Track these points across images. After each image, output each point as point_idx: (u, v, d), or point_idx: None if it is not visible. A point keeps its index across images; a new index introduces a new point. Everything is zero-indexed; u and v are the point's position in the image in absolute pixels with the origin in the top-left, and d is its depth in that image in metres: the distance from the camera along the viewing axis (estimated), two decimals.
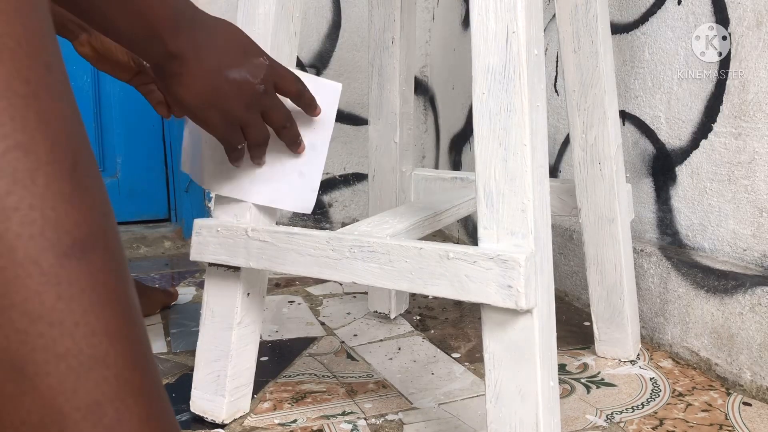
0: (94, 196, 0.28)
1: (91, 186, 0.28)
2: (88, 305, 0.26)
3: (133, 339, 0.28)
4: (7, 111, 0.25)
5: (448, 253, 0.56)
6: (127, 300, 0.28)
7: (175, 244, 1.56)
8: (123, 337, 0.27)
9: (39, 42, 0.27)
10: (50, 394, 0.25)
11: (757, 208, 0.82)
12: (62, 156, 0.27)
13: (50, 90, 0.27)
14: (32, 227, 0.25)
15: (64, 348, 0.25)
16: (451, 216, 0.83)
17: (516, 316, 0.54)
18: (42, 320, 0.25)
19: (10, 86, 0.26)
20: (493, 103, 0.54)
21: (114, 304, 0.27)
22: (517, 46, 0.53)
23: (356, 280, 0.61)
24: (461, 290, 0.55)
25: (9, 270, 0.25)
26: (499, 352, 0.55)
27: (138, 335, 0.29)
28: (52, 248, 0.26)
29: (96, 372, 0.26)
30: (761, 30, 0.80)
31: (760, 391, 0.78)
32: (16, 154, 0.25)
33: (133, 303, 0.29)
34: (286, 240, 0.65)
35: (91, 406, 0.26)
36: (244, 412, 0.75)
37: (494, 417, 0.56)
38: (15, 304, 0.25)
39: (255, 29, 0.69)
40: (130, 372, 0.27)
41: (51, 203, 0.26)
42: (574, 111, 0.84)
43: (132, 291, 0.29)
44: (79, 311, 0.26)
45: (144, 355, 0.29)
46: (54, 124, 0.27)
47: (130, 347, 0.28)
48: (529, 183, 0.53)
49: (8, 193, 0.25)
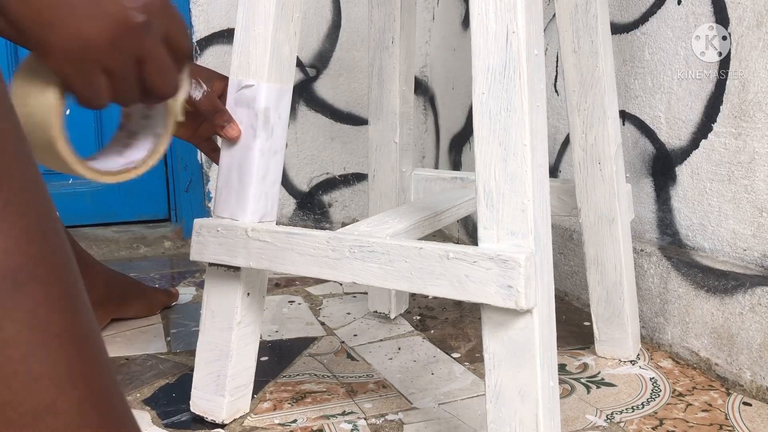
0: (30, 214, 0.24)
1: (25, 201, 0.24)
2: (26, 349, 0.23)
3: (84, 379, 0.25)
4: None
5: (448, 253, 0.56)
6: (78, 333, 0.25)
7: (175, 244, 1.56)
8: (71, 379, 0.24)
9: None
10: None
11: (757, 208, 0.82)
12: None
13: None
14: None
15: (3, 400, 0.22)
16: (451, 216, 0.83)
17: (516, 316, 0.54)
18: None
19: None
20: (493, 103, 0.54)
21: (59, 342, 0.24)
22: (517, 46, 0.53)
23: (356, 280, 0.61)
24: (461, 290, 0.55)
25: None
26: (499, 352, 0.55)
27: (91, 372, 0.25)
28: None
29: (42, 422, 0.23)
30: (761, 30, 0.80)
31: (760, 391, 0.78)
32: None
33: (85, 335, 0.25)
34: (286, 240, 0.65)
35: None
36: (244, 412, 0.75)
37: (494, 417, 0.56)
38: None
39: (255, 29, 0.69)
40: (83, 417, 0.24)
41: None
42: (574, 111, 0.84)
43: (86, 318, 0.25)
44: (17, 357, 0.23)
45: (100, 392, 0.25)
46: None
47: (80, 390, 0.24)
48: (529, 183, 0.53)
49: None
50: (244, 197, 0.69)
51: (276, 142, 0.71)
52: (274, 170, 0.72)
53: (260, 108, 0.69)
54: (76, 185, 1.59)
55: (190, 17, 1.51)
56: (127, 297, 1.03)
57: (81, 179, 1.60)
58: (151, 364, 0.90)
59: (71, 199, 1.59)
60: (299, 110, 1.60)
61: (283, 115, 0.72)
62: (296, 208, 1.63)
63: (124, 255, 1.50)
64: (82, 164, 0.52)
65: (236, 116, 0.69)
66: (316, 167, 1.64)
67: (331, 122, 1.64)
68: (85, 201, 1.60)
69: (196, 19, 1.51)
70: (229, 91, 0.70)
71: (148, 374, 0.87)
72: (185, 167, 1.57)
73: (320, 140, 1.64)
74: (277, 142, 0.71)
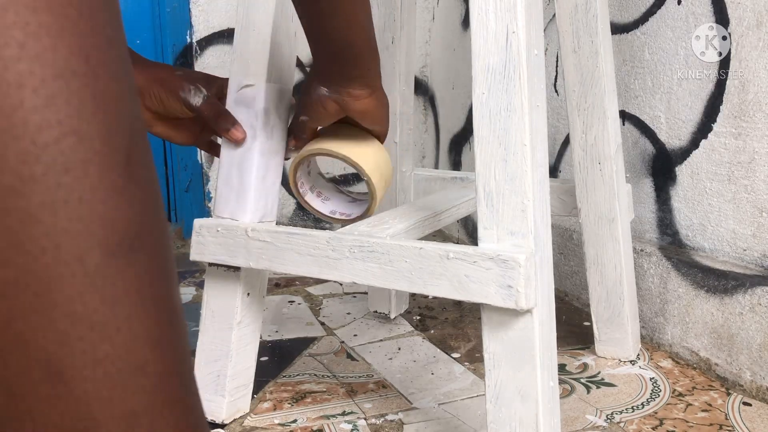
0: (147, 189, 0.26)
1: (144, 178, 0.26)
2: (131, 309, 0.25)
3: (173, 346, 0.27)
4: (63, 93, 0.23)
5: (448, 253, 0.56)
6: (171, 303, 0.27)
7: (174, 244, 1.56)
8: (164, 344, 0.26)
9: (103, 11, 0.25)
10: (85, 399, 0.24)
11: (757, 208, 0.82)
12: (118, 145, 0.25)
13: (110, 68, 0.25)
14: (80, 223, 0.24)
15: (104, 353, 0.24)
16: (450, 216, 0.83)
17: (516, 316, 0.54)
18: (83, 323, 0.24)
19: (68, 64, 0.23)
20: (493, 103, 0.54)
21: (157, 308, 0.26)
22: (517, 46, 0.53)
23: (356, 280, 0.61)
24: (461, 290, 0.55)
25: (53, 268, 0.23)
26: (499, 353, 0.55)
27: (179, 342, 0.27)
28: (99, 246, 0.24)
29: (134, 380, 0.25)
30: (761, 30, 0.80)
31: (760, 391, 0.77)
32: (69, 141, 0.23)
33: (176, 306, 0.28)
34: (286, 240, 0.65)
35: (125, 416, 0.25)
36: (244, 411, 0.75)
37: (494, 417, 0.56)
38: (57, 304, 0.23)
39: (254, 30, 0.69)
40: (168, 381, 0.26)
41: (102, 197, 0.24)
42: (574, 111, 0.84)
43: (176, 292, 0.28)
44: (122, 315, 0.25)
45: (183, 362, 0.27)
46: (111, 109, 0.25)
47: (170, 355, 0.26)
48: (529, 183, 0.53)
49: (58, 186, 0.23)
50: (244, 197, 0.69)
51: (276, 143, 0.71)
52: (274, 170, 0.72)
53: (260, 108, 0.69)
54: None
55: (190, 17, 1.51)
56: None
57: None
58: None
59: None
60: None
61: (283, 115, 0.72)
62: (296, 208, 1.63)
63: None
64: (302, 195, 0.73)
65: (236, 116, 0.69)
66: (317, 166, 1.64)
67: None
68: None
69: (196, 19, 1.51)
70: (229, 91, 0.70)
71: None
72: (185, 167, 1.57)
73: None
74: (277, 142, 0.71)
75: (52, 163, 0.23)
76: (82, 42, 0.24)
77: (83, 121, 0.24)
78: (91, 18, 0.24)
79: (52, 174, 0.23)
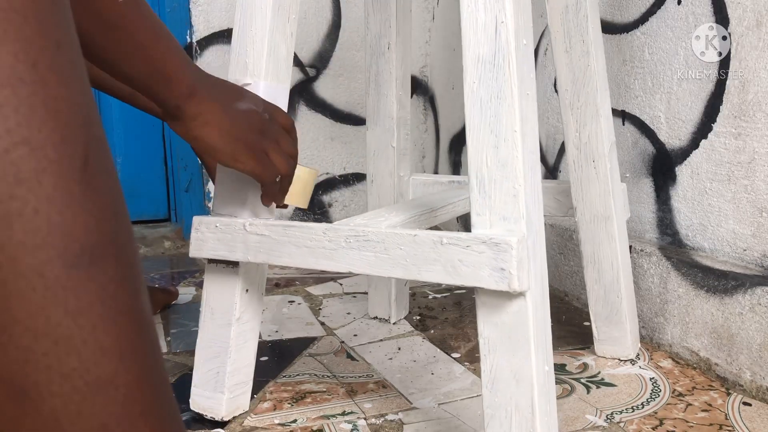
0: (106, 196, 0.25)
1: (103, 185, 0.25)
2: (97, 320, 0.24)
3: (143, 355, 0.26)
4: (10, 102, 0.23)
5: (441, 239, 0.56)
6: (140, 312, 0.26)
7: (175, 244, 1.56)
8: (133, 354, 0.26)
9: (50, 14, 0.24)
10: (54, 416, 0.23)
11: (757, 208, 0.82)
12: (72, 152, 0.24)
13: (60, 73, 0.24)
14: (36, 235, 0.23)
15: (70, 368, 0.24)
16: (447, 213, 0.83)
17: (509, 299, 0.54)
18: (47, 337, 0.23)
19: (14, 71, 0.23)
20: (484, 92, 0.54)
21: (125, 318, 0.25)
22: (506, 36, 0.53)
23: (352, 269, 0.61)
24: (455, 275, 0.56)
25: (11, 283, 0.23)
26: (493, 337, 0.56)
27: (149, 351, 0.27)
28: (58, 258, 0.23)
29: (104, 393, 0.24)
30: (761, 30, 0.80)
31: (760, 391, 0.77)
32: (20, 151, 0.23)
33: (145, 314, 0.27)
34: (283, 232, 0.65)
35: (97, 430, 0.24)
36: (243, 409, 0.75)
37: (490, 402, 0.56)
38: (18, 320, 0.23)
39: (252, 30, 0.69)
40: (140, 391, 0.26)
41: (58, 207, 0.23)
42: (567, 110, 0.85)
43: (145, 300, 0.27)
44: (88, 327, 0.24)
45: (154, 371, 0.27)
46: (63, 115, 0.24)
47: (140, 365, 0.26)
48: (520, 168, 0.53)
49: (11, 197, 0.22)
50: (243, 196, 0.69)
51: None
52: None
53: None
54: None
55: (190, 17, 1.51)
56: None
57: None
58: None
59: None
60: (299, 110, 1.60)
61: None
62: (296, 208, 1.63)
63: None
64: None
65: None
66: (316, 167, 1.64)
67: (331, 122, 1.64)
68: None
69: (196, 19, 1.51)
70: None
71: None
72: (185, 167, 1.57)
73: (320, 140, 1.64)
74: None
75: (2, 175, 0.22)
76: (28, 47, 0.23)
77: (34, 129, 0.23)
78: (38, 21, 0.23)
79: (3, 186, 0.22)
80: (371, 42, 0.98)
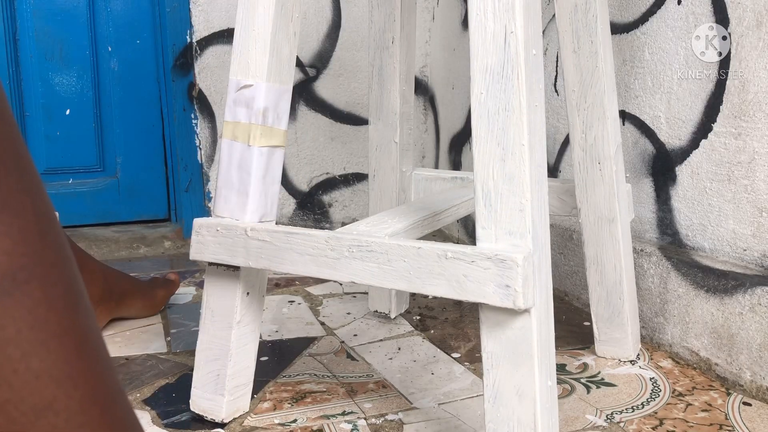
0: (28, 215, 0.24)
1: (21, 204, 0.24)
2: (27, 347, 0.23)
3: (85, 377, 0.25)
4: None
5: (446, 252, 0.56)
6: (77, 331, 0.25)
7: (175, 244, 1.56)
8: (72, 377, 0.24)
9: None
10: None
11: (757, 208, 0.82)
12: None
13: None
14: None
15: (3, 399, 0.23)
16: (450, 216, 0.83)
17: (514, 316, 0.54)
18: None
19: None
20: (492, 103, 0.54)
21: (59, 341, 0.24)
22: (515, 46, 0.53)
23: (355, 279, 0.61)
24: (459, 290, 0.55)
25: None
26: (497, 352, 0.55)
27: (92, 371, 0.25)
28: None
29: (43, 420, 0.23)
30: (761, 30, 0.80)
31: (760, 391, 0.77)
32: None
33: (84, 334, 0.25)
34: (285, 240, 0.65)
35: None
36: (243, 411, 0.75)
37: (492, 416, 0.56)
38: None
39: (254, 29, 0.69)
40: (84, 414, 0.24)
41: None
42: (574, 111, 0.84)
43: (83, 318, 0.25)
44: (17, 356, 0.23)
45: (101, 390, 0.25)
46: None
47: (81, 387, 0.24)
48: (527, 183, 0.53)
49: None
50: (244, 197, 0.69)
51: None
52: (273, 170, 0.72)
53: (259, 108, 0.69)
54: (76, 185, 1.59)
55: (190, 17, 1.51)
56: (125, 295, 1.03)
57: (82, 179, 1.60)
58: (151, 364, 0.90)
59: (71, 199, 1.59)
60: (299, 110, 1.60)
61: (283, 115, 0.72)
62: (296, 208, 1.63)
63: (124, 255, 1.50)
64: None
65: (235, 116, 0.70)
66: (316, 167, 1.64)
67: (331, 122, 1.64)
68: (85, 201, 1.60)
69: (196, 19, 1.51)
70: (229, 90, 0.70)
71: (148, 374, 0.87)
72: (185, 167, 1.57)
73: (320, 140, 1.64)
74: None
75: None
76: None
77: None
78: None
79: None
80: (375, 36, 0.98)
